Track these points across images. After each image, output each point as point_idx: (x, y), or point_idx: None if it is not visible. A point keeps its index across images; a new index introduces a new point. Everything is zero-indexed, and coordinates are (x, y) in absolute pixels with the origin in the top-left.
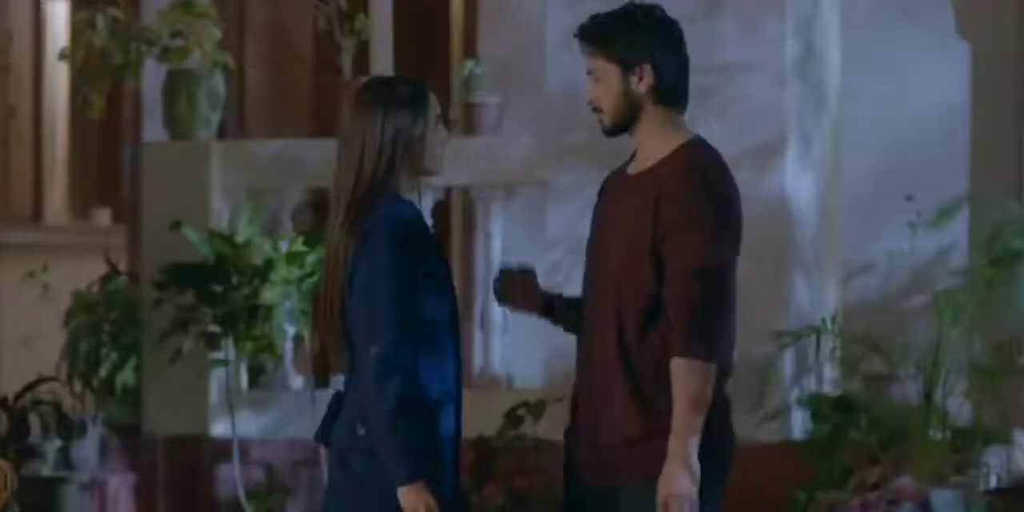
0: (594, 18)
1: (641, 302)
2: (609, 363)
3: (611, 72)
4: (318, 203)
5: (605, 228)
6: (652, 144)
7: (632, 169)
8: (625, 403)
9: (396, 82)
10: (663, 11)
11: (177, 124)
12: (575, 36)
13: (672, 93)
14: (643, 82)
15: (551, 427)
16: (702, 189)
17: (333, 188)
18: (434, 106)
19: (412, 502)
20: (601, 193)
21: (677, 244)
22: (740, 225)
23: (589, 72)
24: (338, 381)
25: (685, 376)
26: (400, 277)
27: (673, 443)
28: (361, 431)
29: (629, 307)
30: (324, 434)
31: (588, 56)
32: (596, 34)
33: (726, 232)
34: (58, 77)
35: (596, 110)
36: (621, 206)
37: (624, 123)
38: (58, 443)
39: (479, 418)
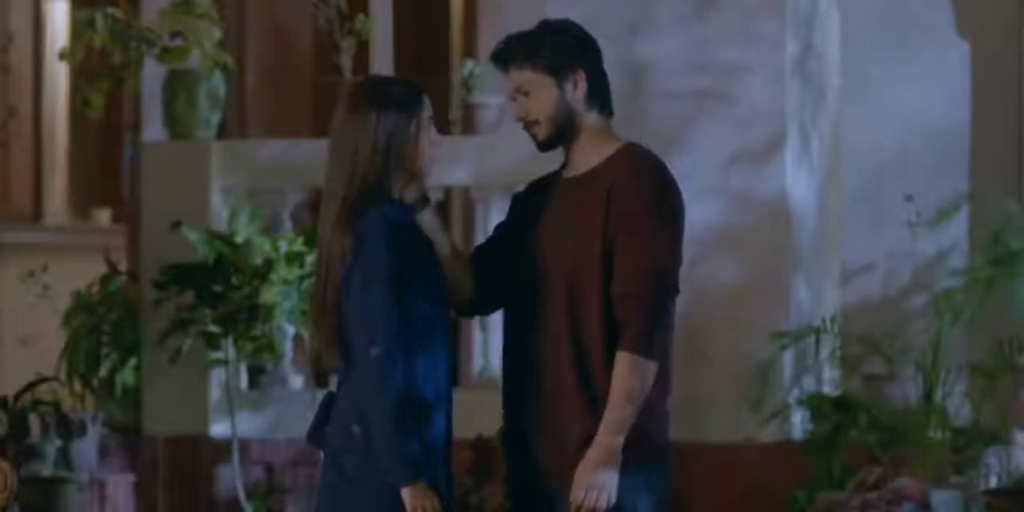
0: (509, 38)
1: (597, 302)
2: (561, 362)
3: (544, 83)
4: (318, 203)
5: (548, 231)
6: (589, 150)
7: (568, 174)
8: (577, 403)
9: (389, 82)
10: (575, 23)
11: (177, 124)
12: (491, 60)
13: (604, 98)
14: (578, 89)
15: None
16: (652, 185)
17: (324, 188)
18: (427, 107)
19: (417, 502)
20: (528, 198)
21: (630, 240)
22: (684, 225)
23: (516, 89)
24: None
25: (628, 371)
26: (395, 279)
27: (602, 435)
28: (356, 431)
29: (584, 307)
30: (316, 435)
31: (513, 72)
32: (519, 49)
33: (675, 230)
34: (58, 77)
35: (529, 124)
36: (564, 209)
37: (560, 134)
38: (58, 443)
39: (479, 418)
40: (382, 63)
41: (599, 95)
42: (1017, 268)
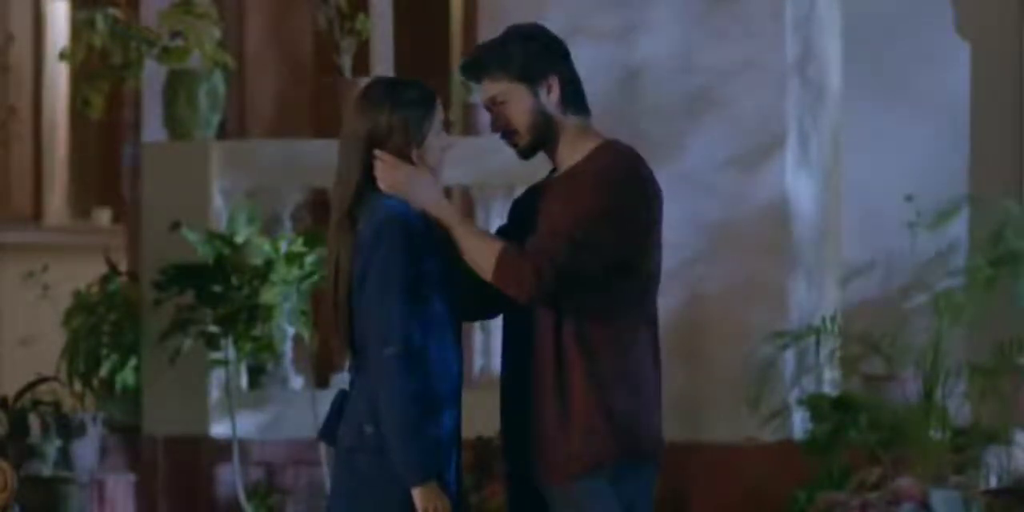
0: (478, 48)
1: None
2: (545, 364)
3: (518, 91)
4: (318, 203)
5: (536, 231)
6: (571, 150)
7: (555, 175)
8: (554, 404)
9: (403, 83)
10: (542, 26)
11: (177, 124)
12: (462, 72)
13: (579, 99)
14: (553, 93)
15: None
16: (608, 171)
17: (335, 185)
18: (440, 109)
19: (428, 502)
20: (523, 201)
21: (561, 210)
22: (640, 217)
23: (491, 100)
24: (338, 381)
25: (491, 257)
26: (412, 277)
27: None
28: (369, 430)
29: (564, 304)
30: (328, 432)
31: (486, 84)
32: (491, 60)
33: (615, 213)
34: (58, 77)
35: (509, 135)
36: (548, 206)
37: (540, 140)
38: (58, 443)
39: (479, 418)
40: (382, 63)
41: (574, 97)
42: (1017, 268)
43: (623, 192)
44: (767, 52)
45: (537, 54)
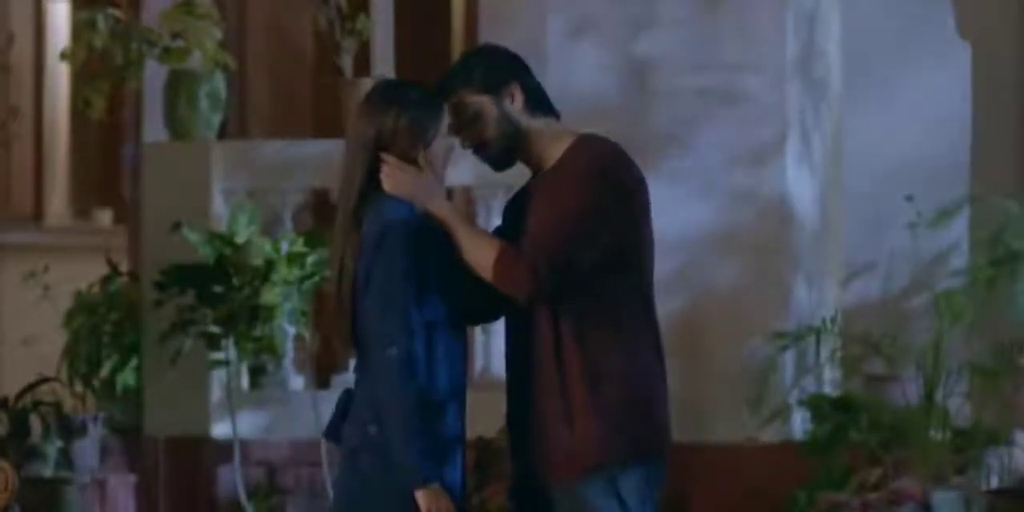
0: (442, 75)
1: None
2: (546, 362)
3: (483, 103)
4: (319, 203)
5: (526, 230)
6: (547, 149)
7: (539, 174)
8: (552, 401)
9: (409, 86)
10: (502, 46)
11: (178, 124)
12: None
13: (545, 105)
14: (516, 100)
15: None
16: (590, 163)
17: (340, 187)
18: (446, 113)
19: (431, 504)
20: (513, 203)
21: (549, 206)
22: (627, 205)
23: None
24: (339, 381)
25: (490, 254)
26: (417, 278)
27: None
28: (372, 430)
29: (561, 305)
30: (334, 431)
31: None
32: (454, 80)
33: (602, 203)
34: (59, 77)
35: (480, 148)
36: (535, 204)
37: (512, 147)
38: (59, 444)
39: (479, 418)
40: (383, 63)
41: (539, 103)
42: (1017, 269)
43: (604, 187)
44: (769, 51)
45: (497, 67)
